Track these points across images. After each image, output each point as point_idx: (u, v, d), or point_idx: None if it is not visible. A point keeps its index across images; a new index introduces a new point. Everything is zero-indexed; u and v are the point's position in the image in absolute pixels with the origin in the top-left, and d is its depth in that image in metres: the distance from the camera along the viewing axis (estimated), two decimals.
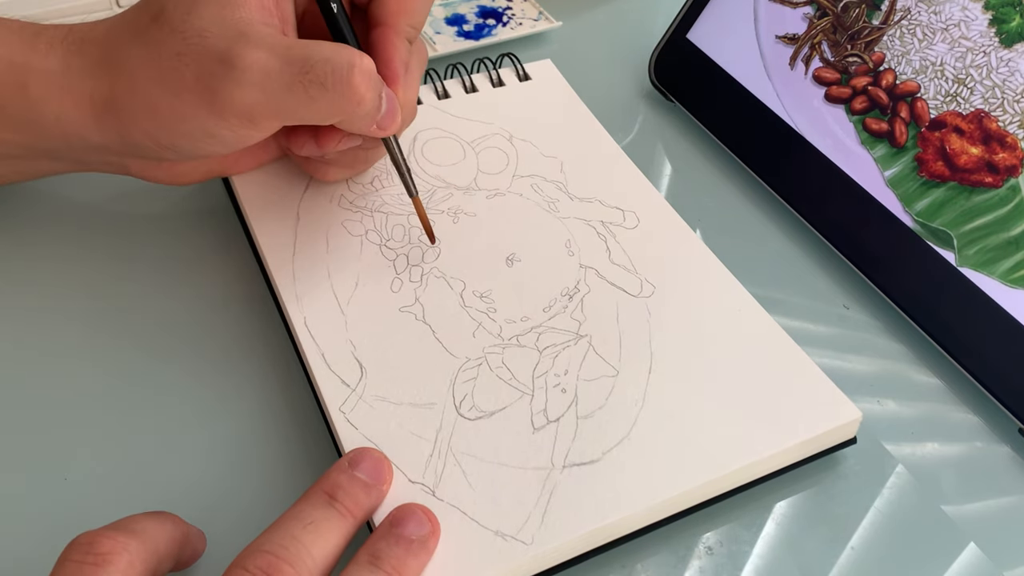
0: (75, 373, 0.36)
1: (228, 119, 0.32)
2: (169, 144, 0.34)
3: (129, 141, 0.34)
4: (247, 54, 0.31)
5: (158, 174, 0.38)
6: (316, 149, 0.36)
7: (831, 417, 0.34)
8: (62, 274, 0.39)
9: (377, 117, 0.34)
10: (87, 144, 0.35)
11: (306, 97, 0.32)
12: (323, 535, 0.27)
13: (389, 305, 0.37)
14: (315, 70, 0.32)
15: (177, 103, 0.32)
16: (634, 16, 0.59)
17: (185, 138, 0.34)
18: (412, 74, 0.37)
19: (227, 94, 0.32)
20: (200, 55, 0.32)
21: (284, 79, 0.31)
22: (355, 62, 0.32)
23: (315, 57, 0.32)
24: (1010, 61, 0.40)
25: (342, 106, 0.32)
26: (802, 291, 0.42)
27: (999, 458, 0.37)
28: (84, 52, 0.34)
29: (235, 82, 0.31)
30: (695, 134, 0.50)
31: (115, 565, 0.25)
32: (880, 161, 0.43)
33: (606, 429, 0.33)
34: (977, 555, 0.33)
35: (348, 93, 0.32)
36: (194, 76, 0.32)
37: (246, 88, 0.31)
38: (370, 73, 0.32)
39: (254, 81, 0.31)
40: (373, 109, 0.33)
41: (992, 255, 0.39)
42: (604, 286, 0.38)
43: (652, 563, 0.32)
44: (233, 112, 0.32)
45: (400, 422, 0.33)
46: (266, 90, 0.32)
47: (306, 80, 0.31)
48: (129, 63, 0.33)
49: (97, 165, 0.38)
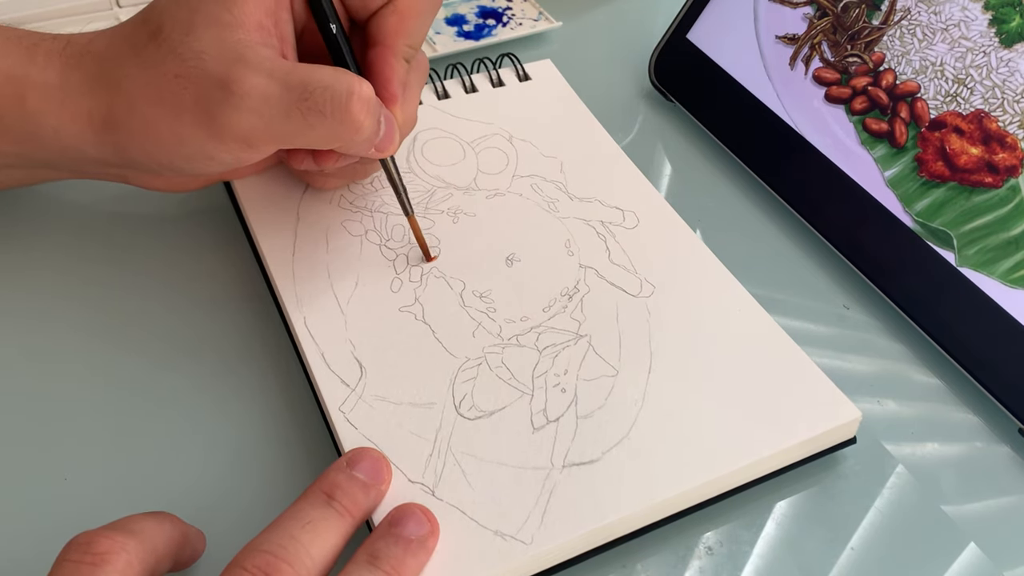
0: (75, 373, 0.36)
1: (227, 143, 0.32)
2: (167, 164, 0.34)
3: (127, 157, 0.34)
4: (246, 79, 0.31)
5: (157, 183, 0.38)
6: (314, 166, 0.36)
7: (831, 417, 0.34)
8: (61, 275, 0.40)
9: (376, 141, 0.34)
10: (85, 157, 0.35)
11: (304, 124, 0.32)
12: (321, 535, 0.27)
13: (389, 305, 0.37)
14: (314, 97, 0.31)
15: (176, 126, 0.32)
16: (634, 16, 0.59)
17: (183, 159, 0.34)
18: (411, 91, 0.37)
19: (226, 119, 0.32)
20: (199, 78, 0.32)
21: (283, 105, 0.31)
22: (354, 90, 0.32)
23: (314, 84, 0.32)
24: (1010, 61, 0.40)
25: (340, 133, 0.32)
26: (802, 291, 0.42)
27: (999, 458, 0.36)
28: (82, 66, 0.34)
29: (234, 107, 0.31)
30: (695, 134, 0.50)
31: (113, 565, 0.25)
32: (880, 161, 0.43)
33: (606, 429, 0.33)
34: (977, 555, 0.33)
35: (347, 121, 0.32)
36: (193, 99, 0.32)
37: (244, 114, 0.31)
38: (369, 100, 0.32)
39: (253, 107, 0.31)
40: (372, 135, 0.33)
41: (992, 255, 0.39)
42: (604, 286, 0.38)
43: (652, 563, 0.32)
44: (232, 136, 0.32)
45: (400, 422, 0.33)
46: (264, 116, 0.32)
47: (304, 107, 0.31)
48: (127, 82, 0.33)
49: (95, 175, 0.38)
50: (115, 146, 0.34)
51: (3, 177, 0.38)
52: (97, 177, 0.38)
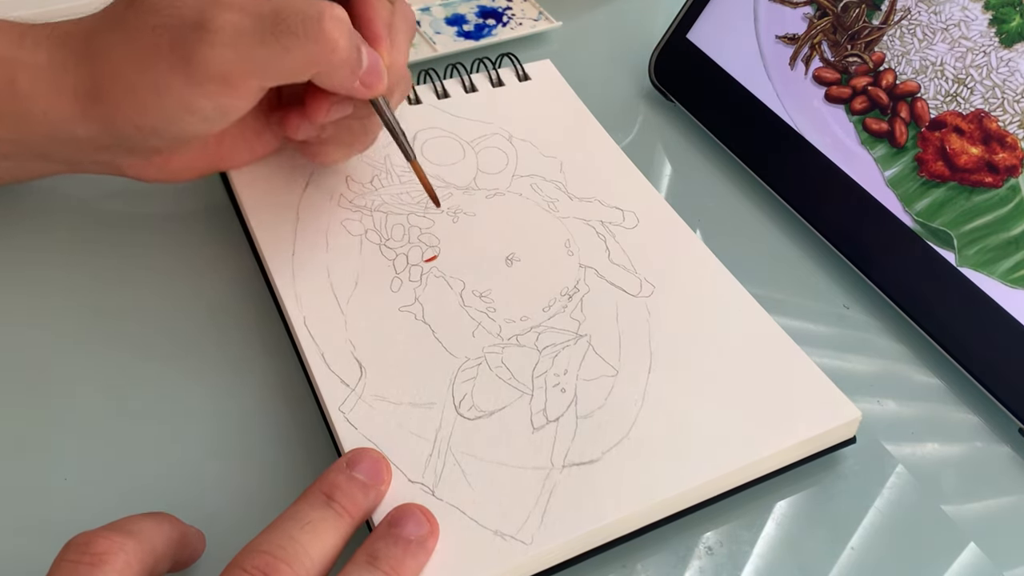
0: (74, 373, 0.36)
1: (204, 85, 0.32)
2: (150, 127, 0.34)
3: (114, 131, 0.35)
4: (219, 15, 0.32)
5: (151, 172, 0.38)
6: (309, 126, 0.36)
7: (831, 417, 0.34)
8: (60, 275, 0.39)
9: (359, 71, 0.34)
10: (75, 138, 0.35)
11: (280, 48, 0.32)
12: (321, 535, 0.27)
13: (389, 305, 0.37)
14: (287, 21, 0.32)
15: (153, 75, 0.33)
16: (634, 16, 0.59)
17: (164, 116, 0.34)
18: (398, 34, 0.37)
19: (200, 56, 0.32)
20: (174, 25, 0.32)
21: (257, 34, 0.32)
22: (324, 9, 0.32)
23: (287, 10, 0.32)
24: (1010, 61, 0.40)
25: (316, 54, 0.33)
26: (802, 291, 0.42)
27: (999, 458, 0.36)
28: (68, 45, 0.34)
29: (208, 44, 0.32)
30: (695, 134, 0.50)
31: (111, 565, 0.25)
32: (880, 161, 0.42)
33: (606, 429, 0.33)
34: (977, 555, 0.33)
35: (321, 39, 0.32)
36: (169, 45, 0.32)
37: (219, 48, 0.32)
38: (341, 19, 0.33)
39: (226, 41, 0.32)
40: (350, 58, 0.33)
41: (992, 255, 0.39)
42: (604, 286, 0.38)
43: (652, 563, 0.32)
44: (208, 76, 0.32)
45: (400, 422, 0.33)
46: (239, 47, 0.32)
47: (278, 31, 0.32)
48: (109, 50, 0.33)
49: (88, 165, 0.38)
50: (102, 119, 0.34)
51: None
52: (90, 168, 0.38)
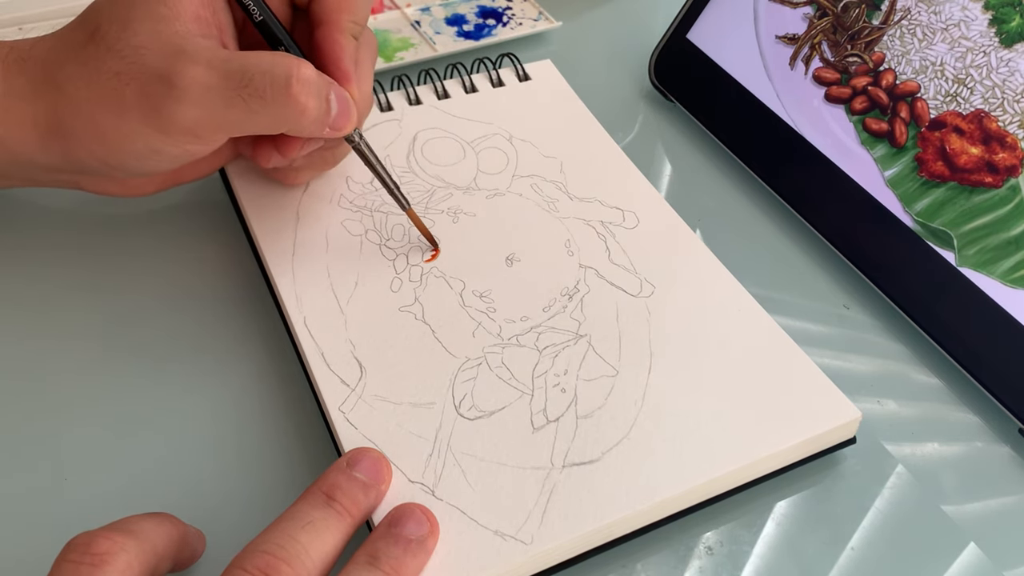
0: (74, 374, 0.36)
1: (174, 135, 0.32)
2: (117, 164, 0.34)
3: (75, 160, 0.34)
4: (186, 71, 0.31)
5: (111, 188, 0.38)
6: (281, 159, 0.36)
7: (831, 417, 0.34)
8: (59, 276, 0.39)
9: (328, 121, 0.34)
10: (34, 164, 0.35)
11: (247, 110, 0.32)
12: (321, 535, 0.27)
13: (389, 305, 0.37)
14: (254, 83, 0.31)
15: (121, 124, 0.32)
16: (634, 16, 0.59)
17: (132, 157, 0.33)
18: (363, 68, 0.36)
19: (169, 112, 0.31)
20: (139, 74, 0.32)
21: (224, 94, 0.31)
22: (292, 72, 0.32)
23: (253, 70, 0.32)
24: (1010, 61, 0.40)
25: (285, 117, 0.32)
26: (802, 291, 0.42)
27: (999, 458, 0.36)
28: (25, 71, 0.34)
29: (176, 100, 0.31)
30: (695, 134, 0.50)
31: (112, 565, 0.25)
32: (880, 161, 0.43)
33: (606, 429, 0.33)
34: (977, 555, 0.33)
35: (289, 104, 0.32)
36: (135, 96, 0.32)
37: (187, 106, 0.31)
38: (309, 81, 0.32)
39: (195, 99, 0.31)
40: (320, 115, 0.33)
41: (992, 255, 0.39)
42: (604, 286, 0.38)
43: (652, 563, 0.32)
44: (177, 129, 0.32)
45: (400, 422, 0.33)
46: (207, 107, 0.32)
47: (245, 94, 0.31)
48: (69, 84, 0.33)
49: (48, 183, 0.37)
50: (63, 151, 0.34)
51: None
52: (50, 185, 0.38)
